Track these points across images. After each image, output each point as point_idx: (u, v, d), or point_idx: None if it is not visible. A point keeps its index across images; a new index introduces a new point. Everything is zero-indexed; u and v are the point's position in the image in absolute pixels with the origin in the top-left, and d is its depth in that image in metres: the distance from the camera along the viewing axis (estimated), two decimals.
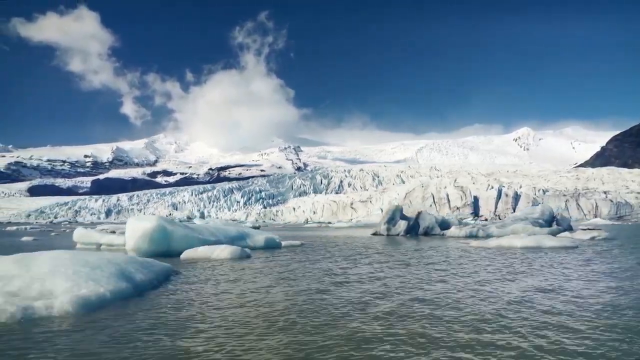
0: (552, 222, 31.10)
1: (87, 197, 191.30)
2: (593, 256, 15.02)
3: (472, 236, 27.74)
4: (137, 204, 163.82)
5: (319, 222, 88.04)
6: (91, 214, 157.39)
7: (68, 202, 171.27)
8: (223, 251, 15.09)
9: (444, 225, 33.25)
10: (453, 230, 29.76)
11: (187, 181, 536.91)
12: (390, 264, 13.05)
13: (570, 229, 29.97)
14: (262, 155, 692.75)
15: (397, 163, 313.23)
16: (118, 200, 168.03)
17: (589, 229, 26.55)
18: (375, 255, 15.98)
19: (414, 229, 32.63)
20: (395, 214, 33.13)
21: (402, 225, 32.06)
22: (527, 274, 10.63)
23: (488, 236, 26.13)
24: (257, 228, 57.05)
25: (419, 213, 33.96)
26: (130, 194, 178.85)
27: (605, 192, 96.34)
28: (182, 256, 15.10)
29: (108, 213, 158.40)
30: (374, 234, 33.09)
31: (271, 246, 20.41)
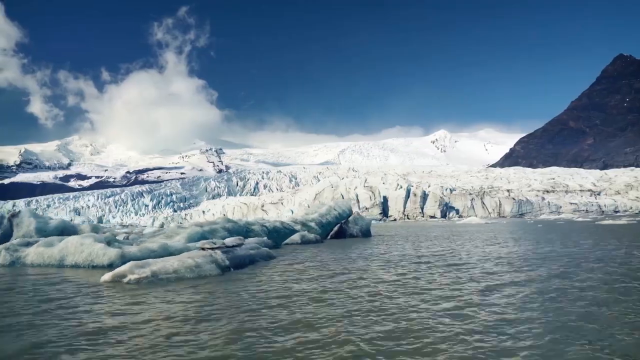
0: (337, 225, 26.74)
1: None
2: None
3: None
4: (36, 209, 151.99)
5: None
6: None
7: None
8: None
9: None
10: None
11: (103, 185, 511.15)
12: None
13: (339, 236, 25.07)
14: (183, 157, 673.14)
15: (320, 165, 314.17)
16: (14, 206, 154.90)
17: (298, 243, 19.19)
18: None
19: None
20: None
21: None
22: None
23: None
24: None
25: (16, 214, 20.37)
26: (29, 199, 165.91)
27: (508, 191, 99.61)
28: None
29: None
30: None
31: None
